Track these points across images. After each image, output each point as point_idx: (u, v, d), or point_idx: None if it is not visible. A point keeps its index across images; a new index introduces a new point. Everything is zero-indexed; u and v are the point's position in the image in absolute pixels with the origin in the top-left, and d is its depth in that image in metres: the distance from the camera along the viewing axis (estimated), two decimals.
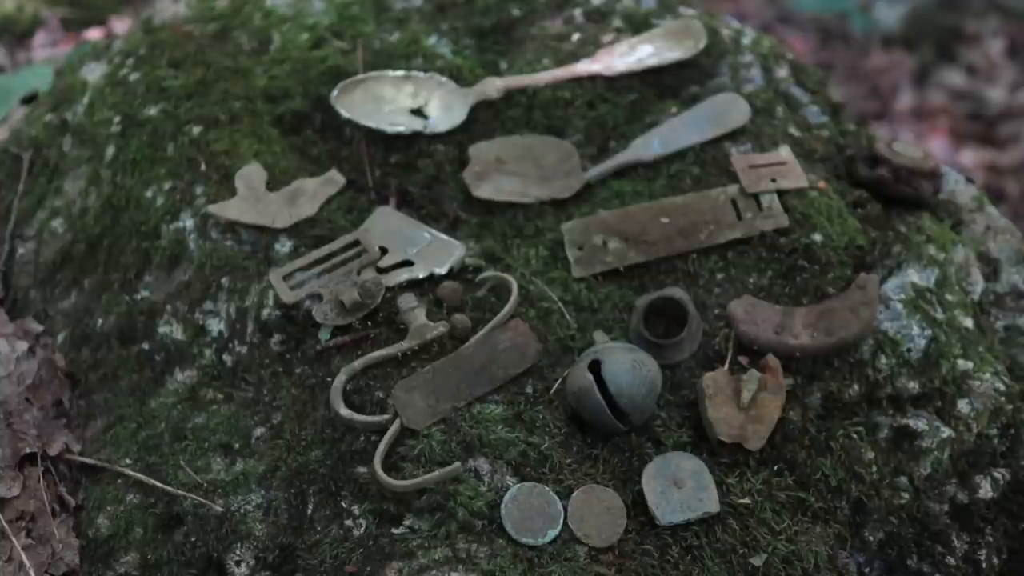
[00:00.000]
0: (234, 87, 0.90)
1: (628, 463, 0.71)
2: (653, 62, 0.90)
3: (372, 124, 0.86)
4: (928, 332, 0.77)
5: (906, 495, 0.73)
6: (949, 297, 0.80)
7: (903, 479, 0.74)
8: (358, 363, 0.74)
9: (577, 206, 0.83)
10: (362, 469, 0.71)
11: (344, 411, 0.72)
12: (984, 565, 0.74)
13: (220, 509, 0.72)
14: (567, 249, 0.80)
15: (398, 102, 0.88)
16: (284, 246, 0.81)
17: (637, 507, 0.70)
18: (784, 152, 0.84)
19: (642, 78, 0.90)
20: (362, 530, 0.69)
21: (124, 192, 0.87)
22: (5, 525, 0.73)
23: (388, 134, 0.86)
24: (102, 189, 0.88)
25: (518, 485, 0.69)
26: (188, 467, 0.75)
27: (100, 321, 0.83)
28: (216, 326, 0.80)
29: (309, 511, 0.71)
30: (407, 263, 0.79)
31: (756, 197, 0.81)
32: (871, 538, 0.72)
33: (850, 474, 0.73)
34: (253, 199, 0.83)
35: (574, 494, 0.69)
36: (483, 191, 0.83)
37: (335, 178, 0.84)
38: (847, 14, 2.08)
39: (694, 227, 0.80)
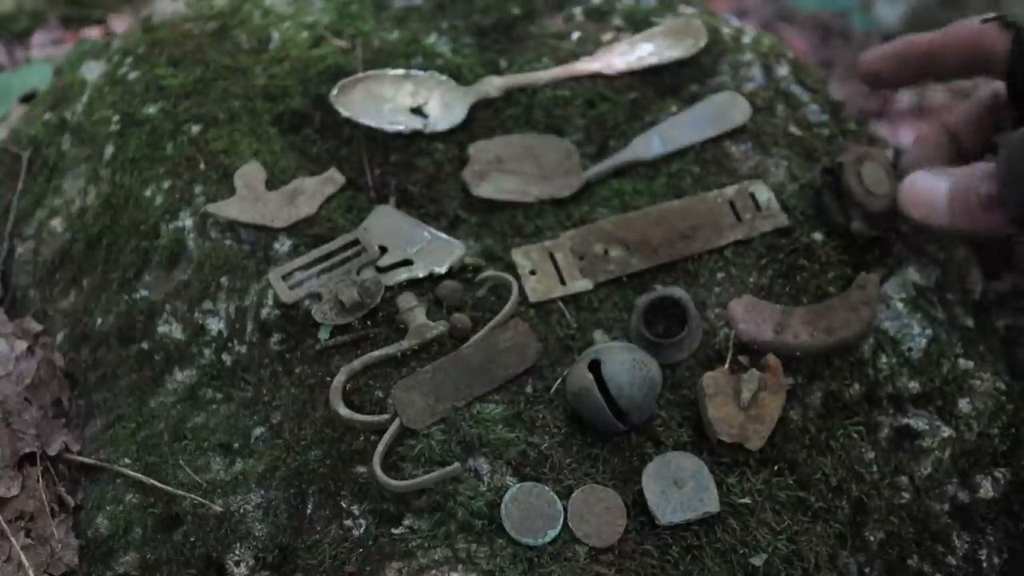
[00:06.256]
0: (233, 86, 0.90)
1: (628, 463, 0.71)
2: (653, 61, 0.90)
3: (371, 123, 0.86)
4: (929, 331, 0.77)
5: (907, 495, 0.73)
6: (950, 296, 0.79)
7: (903, 479, 0.74)
8: (357, 363, 0.74)
9: (577, 205, 0.83)
10: (362, 469, 0.71)
11: (343, 411, 0.72)
12: (985, 565, 0.73)
13: (219, 509, 0.72)
14: None
15: (397, 101, 0.88)
16: (283, 245, 0.81)
17: (637, 507, 0.70)
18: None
19: (642, 77, 0.89)
20: (362, 530, 0.69)
21: (123, 191, 0.87)
22: (4, 525, 0.73)
23: (387, 133, 0.86)
24: (101, 188, 0.88)
25: (518, 485, 0.69)
26: (187, 467, 0.74)
27: (99, 320, 0.83)
28: (215, 325, 0.80)
29: (308, 511, 0.71)
30: (407, 262, 0.79)
31: (752, 196, 0.81)
32: (871, 538, 0.72)
33: (850, 474, 0.73)
34: (252, 198, 0.82)
35: (574, 494, 0.69)
36: (483, 190, 0.83)
37: (334, 177, 0.84)
38: (848, 12, 2.08)
39: (694, 231, 0.80)
